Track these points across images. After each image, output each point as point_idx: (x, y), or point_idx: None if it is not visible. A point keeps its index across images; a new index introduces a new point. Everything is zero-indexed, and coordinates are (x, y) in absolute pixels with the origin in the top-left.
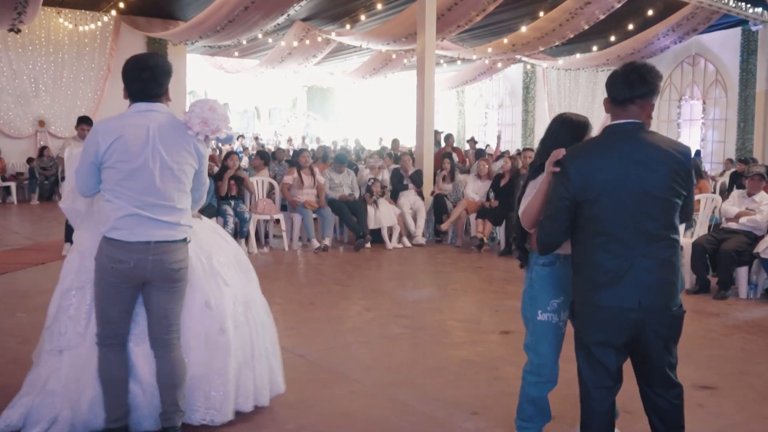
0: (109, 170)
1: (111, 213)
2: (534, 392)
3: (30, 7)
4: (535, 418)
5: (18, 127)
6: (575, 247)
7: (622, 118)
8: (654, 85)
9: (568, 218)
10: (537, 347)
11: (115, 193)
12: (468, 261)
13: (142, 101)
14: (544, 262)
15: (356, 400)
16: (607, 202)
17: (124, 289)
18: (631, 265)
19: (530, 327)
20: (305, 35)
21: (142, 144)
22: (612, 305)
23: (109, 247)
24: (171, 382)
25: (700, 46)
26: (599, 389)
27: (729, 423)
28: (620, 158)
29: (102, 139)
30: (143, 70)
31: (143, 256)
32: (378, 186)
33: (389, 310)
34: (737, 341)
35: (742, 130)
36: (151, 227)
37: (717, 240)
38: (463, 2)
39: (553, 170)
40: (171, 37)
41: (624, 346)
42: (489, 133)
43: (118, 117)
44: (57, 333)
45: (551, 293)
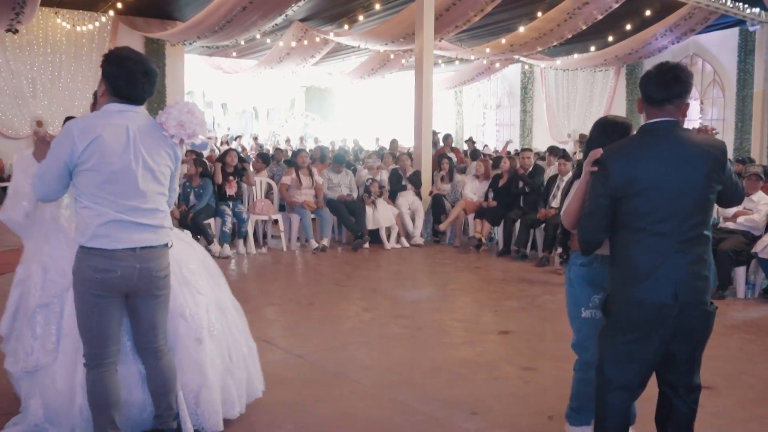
0: (87, 173)
1: (91, 220)
2: (583, 389)
3: (28, 8)
4: (583, 410)
5: (15, 128)
6: (613, 243)
7: (658, 117)
8: (689, 84)
9: (606, 216)
10: (584, 344)
11: (94, 198)
12: (466, 261)
13: (127, 103)
14: (582, 262)
15: (355, 400)
16: (645, 198)
17: (110, 300)
18: (665, 260)
19: (576, 325)
20: (303, 35)
21: (123, 145)
22: (649, 299)
23: (91, 256)
24: (164, 388)
25: (697, 46)
26: (621, 388)
27: (727, 423)
28: (658, 156)
29: (78, 139)
30: (145, 73)
31: (130, 263)
32: (376, 186)
33: (388, 311)
34: (735, 341)
35: (740, 130)
36: (134, 232)
37: (715, 240)
38: (462, 2)
39: (591, 170)
40: (169, 37)
41: (658, 345)
42: (487, 134)
43: (93, 116)
44: (23, 354)
45: (590, 290)
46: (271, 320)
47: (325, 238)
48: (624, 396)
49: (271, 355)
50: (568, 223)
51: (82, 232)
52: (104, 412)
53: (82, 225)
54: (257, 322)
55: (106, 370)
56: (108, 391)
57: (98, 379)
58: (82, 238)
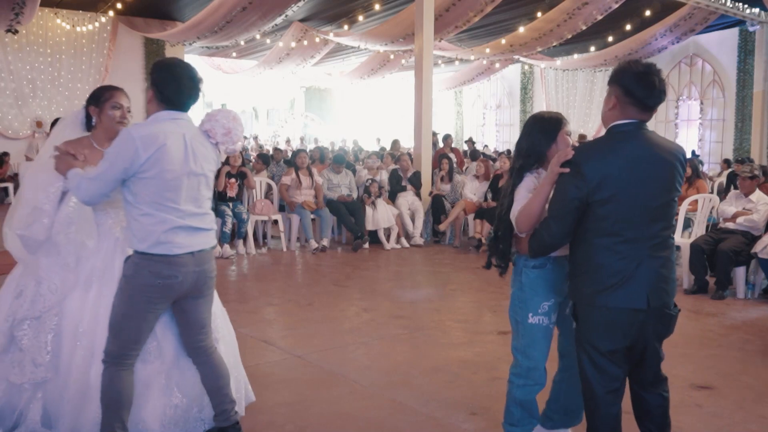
0: (149, 181)
1: (153, 227)
2: (522, 395)
3: (27, 8)
4: (523, 421)
5: (15, 128)
6: (577, 248)
7: (634, 118)
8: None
9: (575, 219)
10: (527, 350)
11: (156, 205)
12: (466, 261)
13: (177, 110)
14: (535, 265)
15: (355, 400)
16: (617, 202)
17: (162, 306)
18: (637, 266)
19: (520, 330)
20: (303, 36)
21: (182, 153)
22: (621, 307)
23: (153, 263)
24: (221, 382)
25: (697, 46)
26: (608, 393)
27: (727, 423)
28: (630, 158)
29: (142, 148)
30: (191, 79)
31: (189, 268)
32: (376, 187)
33: (387, 311)
34: (735, 341)
35: (740, 130)
36: (192, 237)
37: (715, 240)
38: (461, 3)
39: (561, 171)
40: (168, 37)
41: (631, 348)
42: (487, 134)
43: (151, 124)
44: (30, 365)
45: (542, 296)
46: (270, 320)
47: (325, 239)
48: (612, 398)
49: (271, 355)
50: (525, 228)
51: (142, 239)
52: (117, 410)
53: (141, 232)
54: (257, 323)
55: (126, 369)
56: (124, 389)
57: (117, 377)
58: (142, 245)
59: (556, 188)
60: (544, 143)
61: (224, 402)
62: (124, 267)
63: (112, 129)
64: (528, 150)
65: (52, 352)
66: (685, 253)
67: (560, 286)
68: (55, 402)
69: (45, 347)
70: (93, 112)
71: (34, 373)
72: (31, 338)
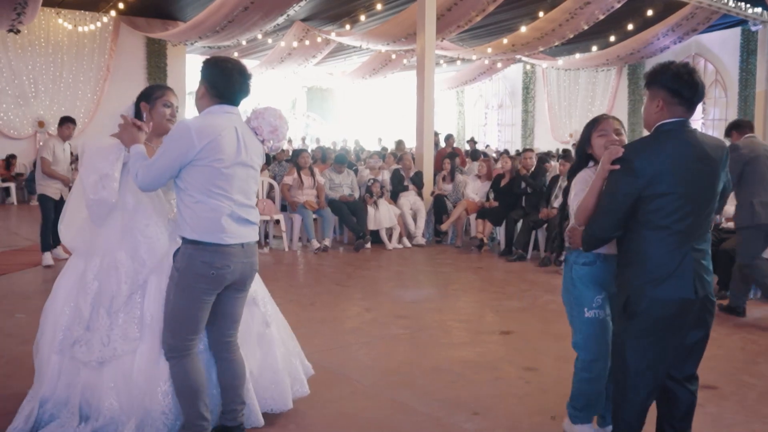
0: (202, 168)
1: (205, 213)
2: (587, 388)
3: (29, 8)
4: (586, 409)
5: (17, 128)
6: (627, 241)
7: (679, 116)
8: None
9: (627, 214)
10: (587, 344)
11: (209, 192)
12: (468, 261)
13: (228, 104)
14: (585, 261)
15: (356, 400)
16: (667, 196)
17: (212, 295)
18: (684, 257)
19: (577, 325)
20: (305, 36)
21: (236, 145)
22: (673, 297)
23: (205, 252)
24: (237, 381)
25: (699, 46)
26: (646, 389)
27: (730, 423)
28: (679, 154)
29: (197, 139)
30: (241, 73)
31: (239, 258)
32: (377, 186)
33: (389, 311)
34: (738, 341)
35: None
36: (242, 227)
37: (716, 240)
38: (463, 2)
39: (613, 168)
40: (170, 37)
41: (680, 341)
42: (489, 134)
43: (205, 117)
44: (99, 344)
45: (594, 290)
46: None
47: (327, 239)
48: (649, 395)
49: None
50: (583, 220)
51: (195, 227)
52: (197, 398)
53: (193, 219)
54: None
55: (192, 357)
56: (199, 377)
57: (190, 368)
58: (194, 233)
59: (607, 184)
60: (582, 139)
61: (235, 402)
62: (176, 259)
63: (162, 126)
64: (579, 145)
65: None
66: None
67: (608, 283)
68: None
69: (136, 321)
70: (144, 108)
71: (122, 347)
72: (124, 314)
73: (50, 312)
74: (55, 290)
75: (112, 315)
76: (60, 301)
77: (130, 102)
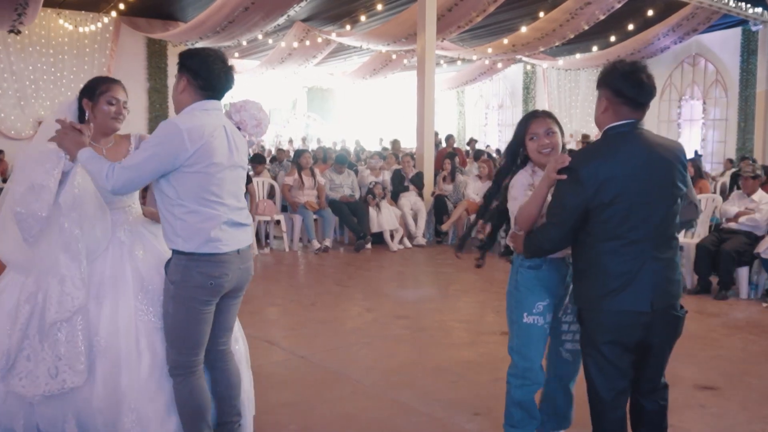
0: (194, 175)
1: (201, 224)
2: (520, 395)
3: (30, 8)
4: (523, 422)
5: (18, 129)
6: (580, 252)
7: (628, 118)
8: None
9: (575, 225)
10: (523, 350)
11: (202, 201)
12: (469, 262)
13: (214, 99)
14: (530, 265)
15: (357, 401)
16: (619, 205)
17: (211, 305)
18: (640, 268)
19: (515, 329)
20: (305, 36)
21: (226, 146)
22: (625, 309)
23: (202, 263)
24: (232, 392)
25: (700, 46)
26: (613, 397)
27: (731, 423)
28: (628, 160)
29: (189, 141)
30: (228, 67)
31: (236, 265)
32: (379, 188)
33: (390, 311)
34: (738, 342)
35: (743, 130)
36: (237, 232)
37: (717, 240)
38: (464, 3)
39: (558, 177)
40: (171, 38)
41: (632, 349)
42: (489, 134)
43: (192, 116)
44: (45, 376)
45: (537, 296)
46: (273, 321)
47: (327, 239)
48: (617, 400)
49: (274, 355)
50: (525, 227)
51: (189, 238)
52: (201, 418)
53: (187, 231)
54: (260, 323)
55: (198, 374)
56: (204, 395)
57: (195, 386)
58: (188, 245)
59: (554, 194)
60: (515, 137)
61: (231, 413)
62: (168, 272)
63: (106, 125)
64: (504, 152)
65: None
66: (690, 254)
67: (555, 287)
68: (88, 415)
69: (81, 351)
70: (86, 105)
71: (72, 379)
72: (65, 343)
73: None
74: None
75: (50, 344)
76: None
77: (73, 97)
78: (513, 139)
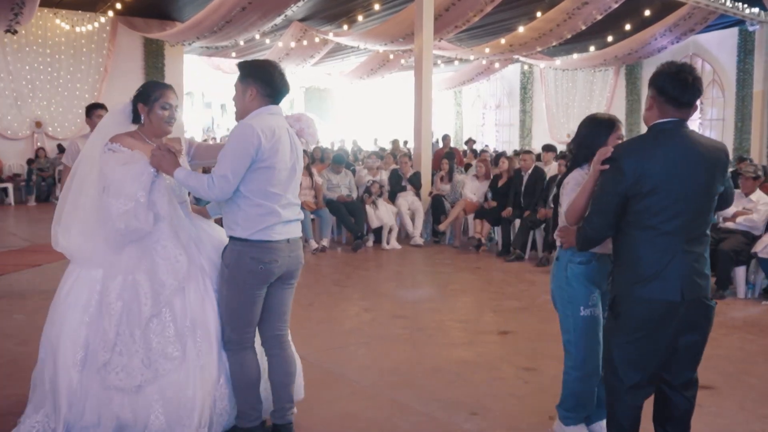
0: (264, 170)
1: (262, 217)
2: (579, 387)
3: (27, 8)
4: (577, 409)
5: (14, 129)
6: (619, 241)
7: (673, 117)
8: (702, 89)
9: (617, 213)
10: (580, 342)
11: (266, 195)
12: (466, 261)
13: (275, 104)
14: (581, 260)
15: (355, 401)
16: (656, 196)
17: (262, 288)
18: (671, 259)
19: (571, 324)
20: (303, 36)
21: (290, 145)
22: (657, 298)
23: (254, 249)
24: (289, 379)
25: (697, 46)
26: (633, 387)
27: (729, 423)
28: (669, 154)
29: (264, 139)
30: (282, 73)
31: (285, 253)
32: (377, 186)
33: (388, 311)
34: (736, 341)
35: (740, 129)
36: (289, 225)
37: (715, 240)
38: (461, 3)
39: (601, 168)
40: (168, 37)
41: (665, 343)
42: (486, 134)
43: (262, 118)
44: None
45: (589, 288)
46: None
47: (325, 239)
48: (637, 395)
49: None
50: (573, 220)
51: (247, 227)
52: (252, 389)
53: (248, 221)
54: None
55: (251, 349)
56: (255, 369)
57: (247, 358)
58: (245, 232)
59: (598, 184)
60: (597, 141)
61: (284, 399)
62: (224, 257)
63: (160, 128)
64: (580, 145)
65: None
66: None
67: (601, 281)
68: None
69: (172, 339)
70: (142, 110)
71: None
72: (158, 334)
73: (61, 327)
74: (62, 303)
75: (143, 336)
76: (74, 316)
77: (127, 100)
78: (590, 139)
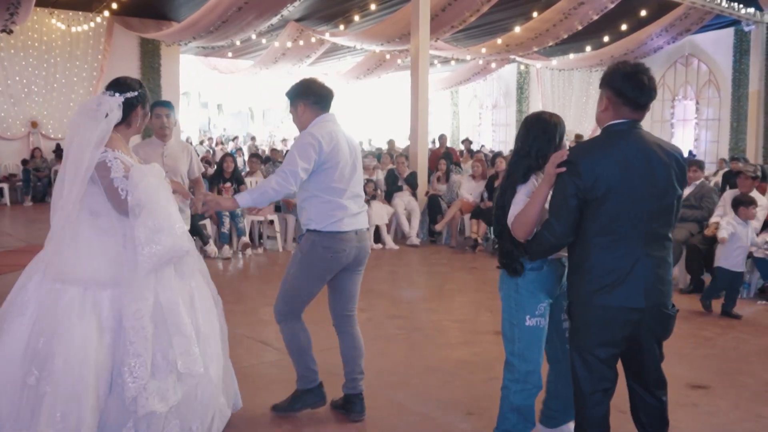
0: (328, 170)
1: (332, 211)
2: (520, 400)
3: (22, 8)
4: (518, 426)
5: (10, 129)
6: (575, 247)
7: (627, 117)
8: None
9: (576, 217)
10: (525, 353)
11: (332, 191)
12: (462, 261)
13: (326, 112)
14: (532, 267)
15: None
16: (613, 200)
17: (330, 274)
18: (633, 265)
19: (517, 333)
20: (299, 36)
21: (347, 146)
22: (617, 306)
23: (326, 239)
24: (356, 353)
25: (693, 46)
26: (596, 393)
27: (723, 422)
28: (625, 157)
29: (324, 143)
30: (323, 84)
31: (353, 243)
32: (371, 186)
33: (384, 311)
34: (731, 340)
35: (735, 129)
36: (356, 217)
37: (712, 240)
38: (457, 3)
39: (558, 171)
40: (164, 37)
41: (621, 346)
42: (483, 134)
43: (320, 126)
44: (172, 389)
45: (538, 297)
46: (267, 321)
47: None
48: (601, 398)
49: (267, 355)
50: (522, 233)
51: (319, 220)
52: (305, 354)
53: (320, 215)
54: (253, 323)
55: (300, 320)
56: (305, 336)
57: (296, 327)
58: (318, 225)
59: (555, 188)
60: (551, 146)
61: (355, 371)
62: (300, 243)
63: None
64: (536, 153)
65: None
66: (683, 253)
67: (553, 288)
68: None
69: (195, 353)
70: (138, 114)
71: (176, 394)
72: (179, 355)
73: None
74: (69, 330)
75: (166, 357)
76: (88, 342)
77: (102, 95)
78: (547, 144)
